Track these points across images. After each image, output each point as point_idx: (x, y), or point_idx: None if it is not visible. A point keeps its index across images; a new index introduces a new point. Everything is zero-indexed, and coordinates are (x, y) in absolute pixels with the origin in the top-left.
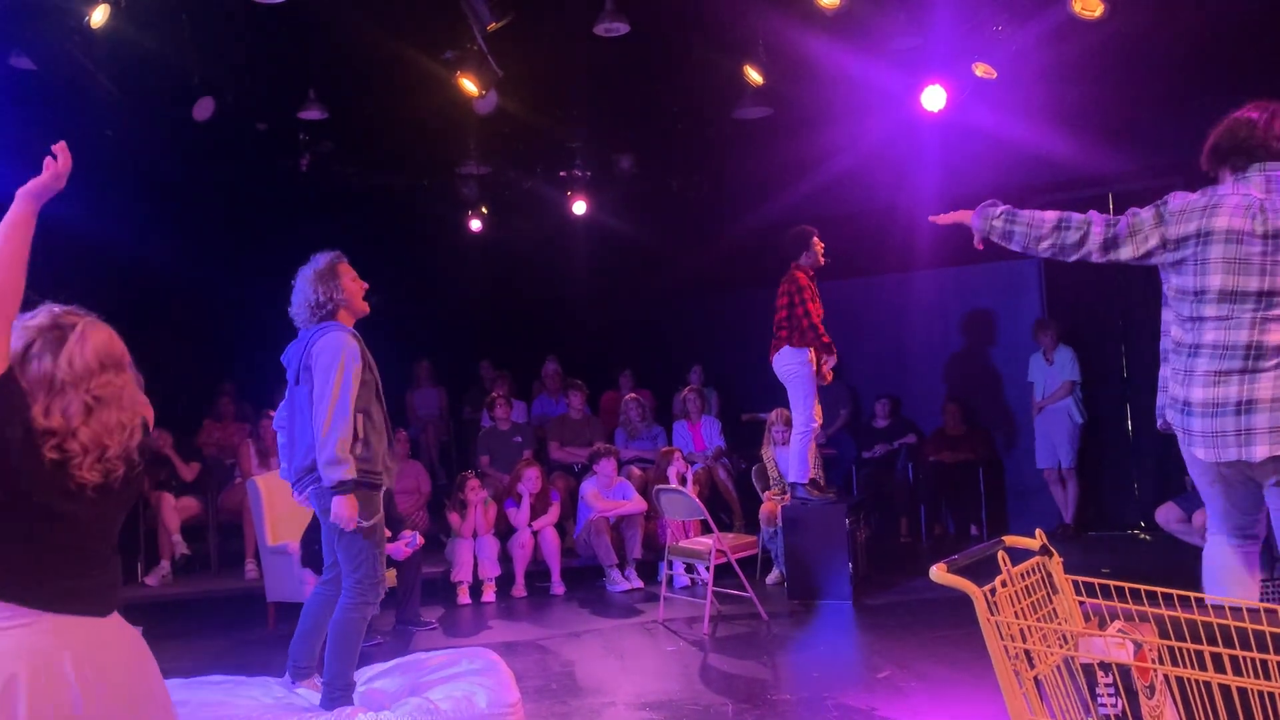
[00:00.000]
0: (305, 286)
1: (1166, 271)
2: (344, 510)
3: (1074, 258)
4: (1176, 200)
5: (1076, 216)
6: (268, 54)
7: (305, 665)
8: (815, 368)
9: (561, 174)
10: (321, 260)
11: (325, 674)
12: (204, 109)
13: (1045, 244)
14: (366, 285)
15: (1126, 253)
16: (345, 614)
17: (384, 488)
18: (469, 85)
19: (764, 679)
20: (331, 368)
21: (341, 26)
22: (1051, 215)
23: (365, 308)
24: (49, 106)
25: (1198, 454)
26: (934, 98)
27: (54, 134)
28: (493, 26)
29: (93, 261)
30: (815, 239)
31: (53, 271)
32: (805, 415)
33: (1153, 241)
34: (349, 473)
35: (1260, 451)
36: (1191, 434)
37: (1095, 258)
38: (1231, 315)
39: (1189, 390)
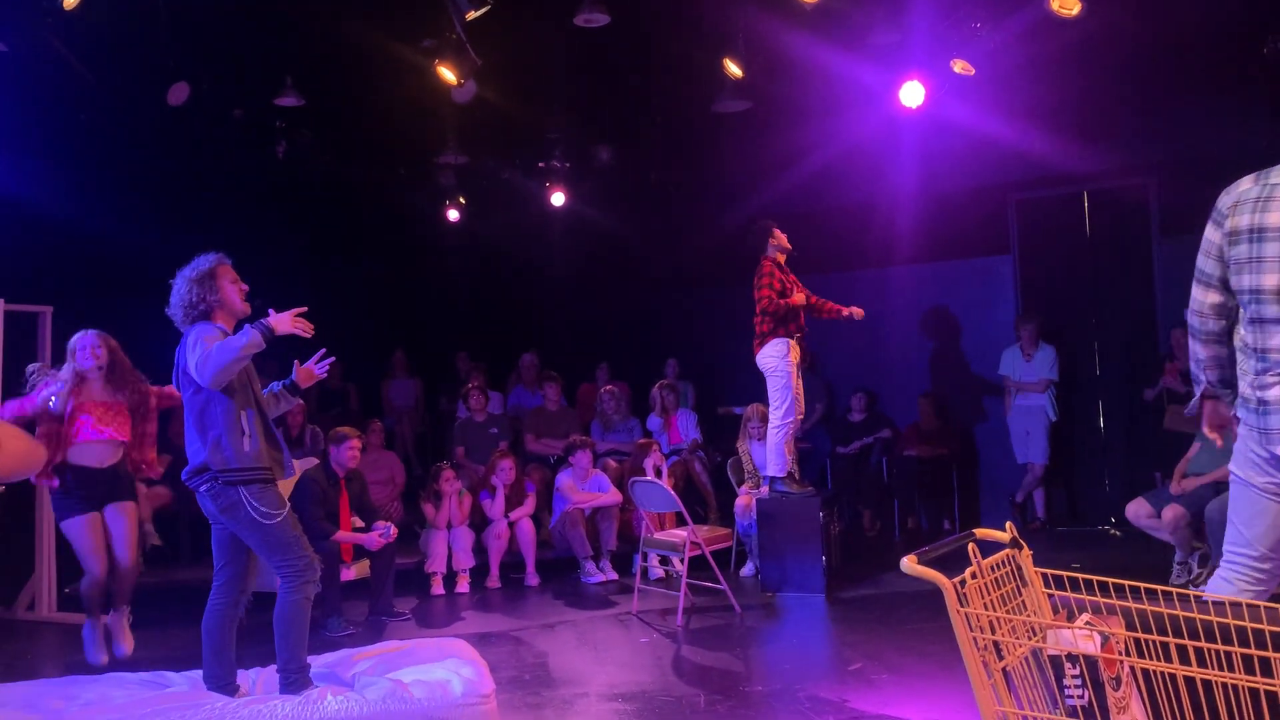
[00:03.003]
0: (182, 287)
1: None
2: (283, 319)
3: (1215, 322)
4: (1225, 196)
5: (1193, 323)
6: (244, 40)
7: (228, 682)
8: (796, 361)
9: (540, 165)
10: (203, 263)
11: (279, 662)
12: (179, 94)
13: (1210, 350)
14: (246, 287)
15: (1213, 268)
16: (286, 598)
17: (278, 480)
18: (447, 74)
19: (737, 671)
20: (202, 347)
21: (319, 13)
22: (1200, 346)
23: (245, 309)
24: (22, 90)
25: (1278, 450)
26: (913, 94)
27: (27, 117)
28: (472, 15)
29: (66, 248)
30: (775, 229)
31: (28, 258)
32: (785, 409)
33: (1221, 246)
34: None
35: None
36: (1270, 431)
37: (1212, 304)
38: None
39: (1264, 391)
